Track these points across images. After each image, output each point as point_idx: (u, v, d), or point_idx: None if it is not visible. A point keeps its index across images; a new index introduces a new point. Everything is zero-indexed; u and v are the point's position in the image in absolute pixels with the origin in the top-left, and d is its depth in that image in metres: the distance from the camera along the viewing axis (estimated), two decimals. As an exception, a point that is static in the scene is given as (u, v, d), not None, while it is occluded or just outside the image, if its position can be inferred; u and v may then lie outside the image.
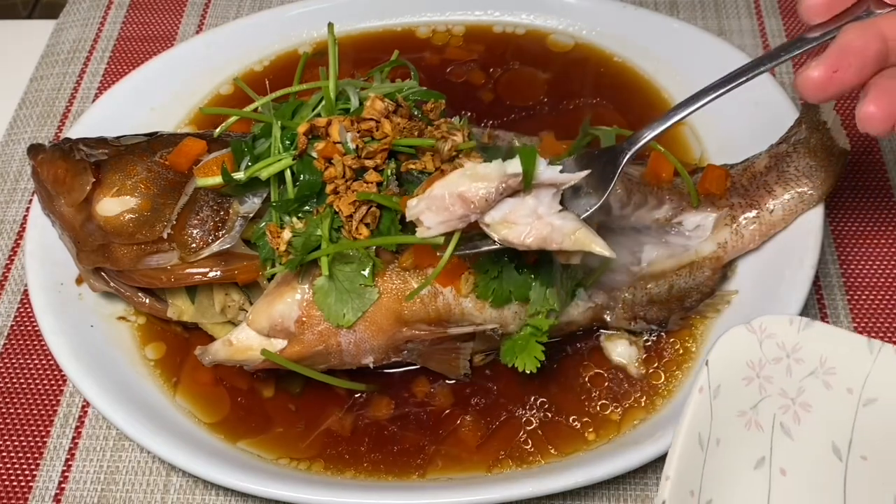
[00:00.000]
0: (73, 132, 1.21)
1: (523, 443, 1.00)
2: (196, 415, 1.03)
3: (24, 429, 1.08)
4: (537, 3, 1.39)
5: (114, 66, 1.47)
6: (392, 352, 0.99)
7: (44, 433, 1.08)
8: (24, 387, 1.11)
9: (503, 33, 1.40)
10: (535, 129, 1.25)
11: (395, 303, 0.96)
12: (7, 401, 1.10)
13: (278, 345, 0.97)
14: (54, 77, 1.46)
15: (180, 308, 1.06)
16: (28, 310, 1.18)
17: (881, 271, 1.16)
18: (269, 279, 1.01)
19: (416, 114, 1.03)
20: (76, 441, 1.07)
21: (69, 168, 1.05)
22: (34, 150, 1.08)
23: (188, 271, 1.01)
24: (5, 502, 1.02)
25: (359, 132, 0.97)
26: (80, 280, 1.10)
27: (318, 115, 1.03)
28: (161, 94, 1.31)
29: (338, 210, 0.95)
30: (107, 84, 1.44)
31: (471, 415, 1.02)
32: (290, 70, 1.20)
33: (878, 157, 1.27)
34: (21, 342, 1.15)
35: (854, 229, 1.20)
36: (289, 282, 0.97)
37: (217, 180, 0.99)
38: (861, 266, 1.17)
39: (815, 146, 1.09)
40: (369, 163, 0.96)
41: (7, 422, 1.08)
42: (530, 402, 1.03)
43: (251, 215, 1.02)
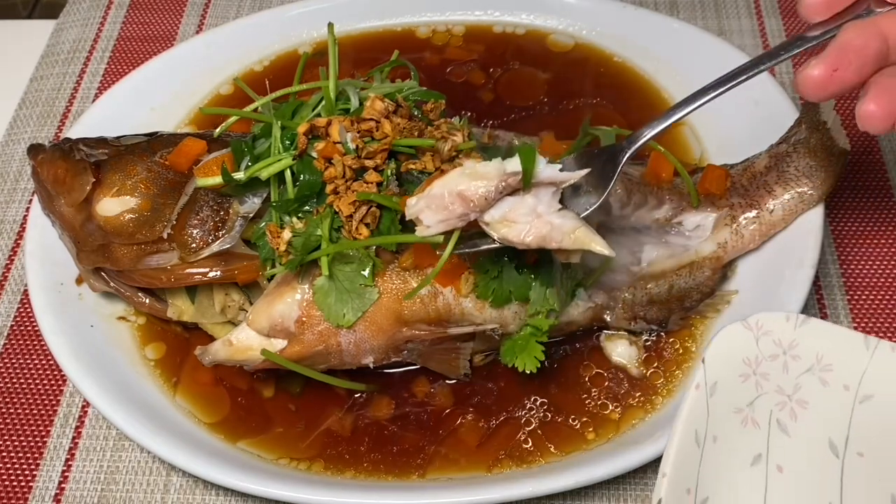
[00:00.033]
0: (73, 132, 1.21)
1: (523, 443, 1.00)
2: (196, 415, 1.03)
3: (24, 429, 1.08)
4: (537, 3, 1.39)
5: (114, 66, 1.47)
6: (392, 352, 0.99)
7: (44, 433, 1.08)
8: (24, 387, 1.11)
9: (503, 33, 1.40)
10: (535, 129, 1.25)
11: (395, 303, 0.96)
12: (7, 401, 1.10)
13: (278, 345, 0.97)
14: (54, 77, 1.46)
15: (180, 308, 1.06)
16: (28, 310, 1.18)
17: (881, 271, 1.16)
18: (269, 279, 1.01)
19: (416, 114, 1.03)
20: (76, 441, 1.07)
21: (69, 168, 1.05)
22: (34, 150, 1.08)
23: (188, 271, 1.01)
24: (5, 502, 1.02)
25: (359, 132, 0.97)
26: (80, 280, 1.10)
27: (318, 115, 1.03)
28: (161, 94, 1.31)
29: (338, 210, 0.95)
30: (107, 84, 1.44)
31: (471, 415, 1.02)
32: (290, 70, 1.20)
33: (878, 157, 1.27)
34: (21, 342, 1.15)
35: (854, 229, 1.20)
36: (289, 282, 0.97)
37: (217, 180, 0.99)
38: (861, 266, 1.17)
39: (815, 146, 1.09)
40: (369, 163, 0.96)
41: (7, 422, 1.08)
42: (530, 402, 1.03)
43: (251, 215, 1.02)
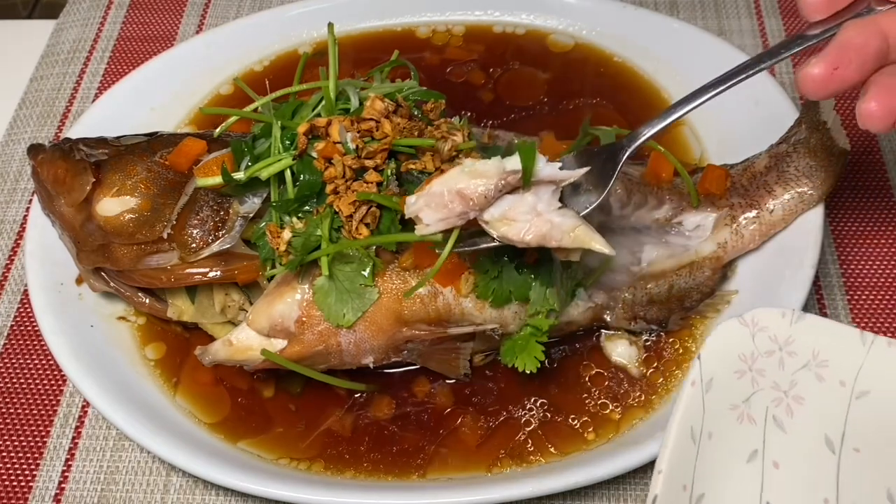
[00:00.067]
0: (73, 132, 1.21)
1: (523, 443, 1.00)
2: (196, 415, 1.03)
3: (24, 429, 1.08)
4: (537, 3, 1.39)
5: (114, 66, 1.47)
6: (392, 352, 0.99)
7: (44, 433, 1.08)
8: (24, 387, 1.11)
9: (503, 33, 1.40)
10: (535, 129, 1.25)
11: (395, 303, 0.96)
12: (7, 401, 1.10)
13: (278, 345, 0.97)
14: (54, 77, 1.46)
15: (180, 308, 1.06)
16: (28, 310, 1.18)
17: (881, 271, 1.16)
18: (269, 279, 1.01)
19: (416, 114, 1.03)
20: (76, 441, 1.07)
21: (69, 168, 1.05)
22: (34, 150, 1.08)
23: (188, 271, 1.01)
24: (5, 502, 1.02)
25: (359, 132, 0.97)
26: (80, 280, 1.10)
27: (318, 115, 1.03)
28: (161, 94, 1.31)
29: (338, 210, 0.95)
30: (107, 84, 1.44)
31: (471, 415, 1.02)
32: (290, 70, 1.20)
33: (878, 157, 1.27)
34: (21, 342, 1.15)
35: (854, 229, 1.20)
36: (289, 282, 0.97)
37: (217, 180, 0.99)
38: (861, 266, 1.17)
39: (815, 146, 1.09)
40: (369, 163, 0.96)
41: (7, 422, 1.08)
42: (530, 402, 1.03)
43: (251, 215, 1.02)
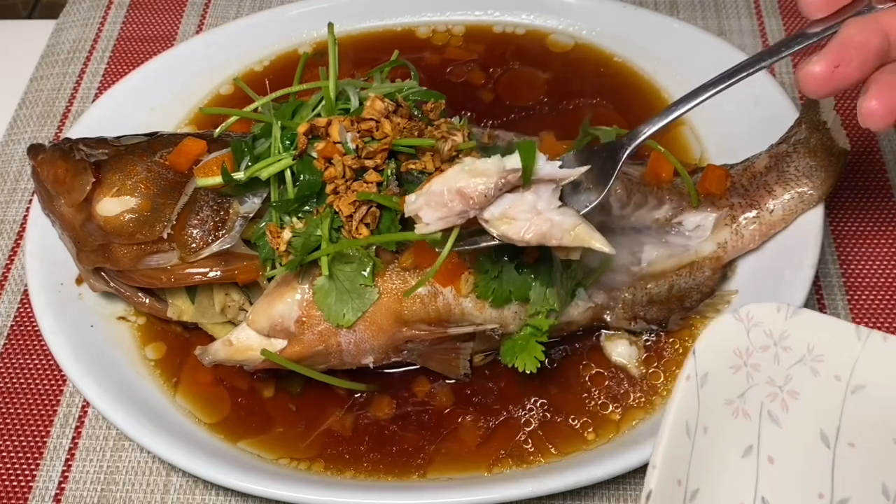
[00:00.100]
0: (73, 132, 1.21)
1: (523, 442, 1.00)
2: (196, 415, 1.03)
3: (24, 429, 1.08)
4: (537, 3, 1.39)
5: (114, 66, 1.47)
6: (392, 352, 0.99)
7: (44, 433, 1.08)
8: (24, 387, 1.11)
9: (503, 33, 1.40)
10: (535, 129, 1.25)
11: (395, 303, 0.96)
12: (7, 401, 1.10)
13: (278, 345, 0.97)
14: (54, 77, 1.46)
15: (180, 308, 1.06)
16: (28, 310, 1.18)
17: (881, 271, 1.16)
18: (269, 279, 1.01)
19: (416, 114, 1.03)
20: (76, 441, 1.07)
21: (69, 168, 1.05)
22: (34, 150, 1.08)
23: (188, 271, 1.01)
24: (5, 502, 1.02)
25: (359, 132, 0.97)
26: (80, 280, 1.10)
27: (318, 115, 1.03)
28: (161, 94, 1.31)
29: (338, 210, 0.95)
30: (107, 84, 1.44)
31: (471, 415, 1.02)
32: (290, 70, 1.20)
33: (878, 157, 1.27)
34: (21, 342, 1.15)
35: (854, 229, 1.20)
36: (289, 282, 0.97)
37: (217, 180, 0.99)
38: (861, 266, 1.17)
39: (815, 146, 1.09)
40: (369, 163, 0.96)
41: (7, 422, 1.08)
42: (530, 402, 1.03)
43: (251, 215, 1.02)
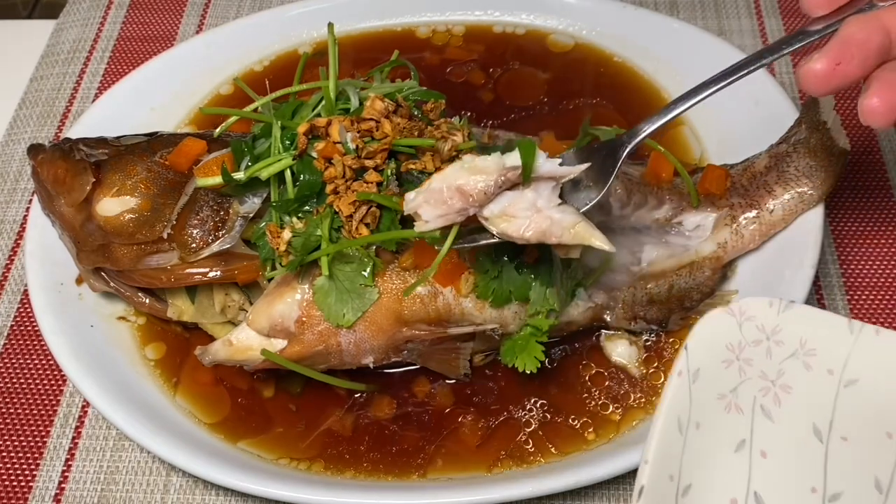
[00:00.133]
0: (73, 132, 1.21)
1: (523, 443, 1.00)
2: (196, 415, 1.03)
3: (24, 429, 1.08)
4: (537, 3, 1.39)
5: (114, 66, 1.47)
6: (392, 352, 0.99)
7: (44, 433, 1.08)
8: (24, 387, 1.11)
9: (503, 33, 1.40)
10: (535, 129, 1.25)
11: (395, 303, 0.96)
12: (7, 401, 1.10)
13: (278, 345, 0.97)
14: (54, 77, 1.46)
15: (180, 308, 1.06)
16: (28, 310, 1.18)
17: (881, 271, 1.16)
18: (269, 279, 1.01)
19: (416, 114, 1.03)
20: (76, 441, 1.07)
21: (69, 168, 1.05)
22: (34, 150, 1.08)
23: (188, 271, 1.01)
24: (5, 502, 1.02)
25: (359, 132, 0.97)
26: (80, 280, 1.10)
27: (318, 115, 1.03)
28: (161, 94, 1.31)
29: (338, 210, 0.95)
30: (107, 84, 1.44)
31: (471, 415, 1.02)
32: (290, 70, 1.20)
33: (878, 157, 1.27)
34: (21, 342, 1.15)
35: (854, 229, 1.20)
36: (289, 282, 0.97)
37: (217, 180, 0.99)
38: (861, 266, 1.17)
39: (815, 146, 1.09)
40: (369, 163, 0.96)
41: (7, 422, 1.08)
42: (530, 402, 1.03)
43: (251, 215, 1.02)
